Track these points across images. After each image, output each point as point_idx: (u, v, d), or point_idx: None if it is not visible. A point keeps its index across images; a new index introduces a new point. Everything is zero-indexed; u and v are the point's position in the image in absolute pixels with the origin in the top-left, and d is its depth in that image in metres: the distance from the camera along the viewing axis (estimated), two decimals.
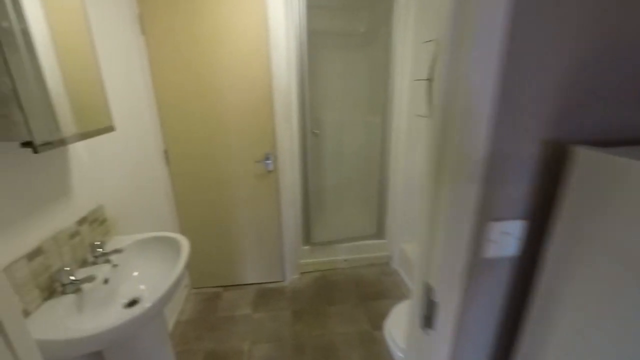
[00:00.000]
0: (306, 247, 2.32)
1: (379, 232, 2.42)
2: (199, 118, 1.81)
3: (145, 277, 1.19)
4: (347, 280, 2.27)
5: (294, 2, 1.79)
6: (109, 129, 1.04)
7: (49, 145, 0.76)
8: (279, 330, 1.81)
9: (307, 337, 1.76)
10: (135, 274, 1.18)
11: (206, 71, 1.74)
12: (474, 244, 0.60)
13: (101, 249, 1.10)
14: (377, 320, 1.88)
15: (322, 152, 2.10)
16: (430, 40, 1.70)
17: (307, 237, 2.30)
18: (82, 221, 1.09)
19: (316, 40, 2.03)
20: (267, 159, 1.93)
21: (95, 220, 1.17)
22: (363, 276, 2.31)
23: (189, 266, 2.15)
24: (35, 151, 0.72)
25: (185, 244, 1.24)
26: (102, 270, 1.06)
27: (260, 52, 1.75)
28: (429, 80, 1.73)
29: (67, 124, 0.88)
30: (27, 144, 0.72)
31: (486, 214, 0.59)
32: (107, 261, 1.11)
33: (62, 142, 0.84)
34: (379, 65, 2.05)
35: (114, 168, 1.33)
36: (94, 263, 1.09)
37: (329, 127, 2.07)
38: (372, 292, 2.14)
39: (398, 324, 1.34)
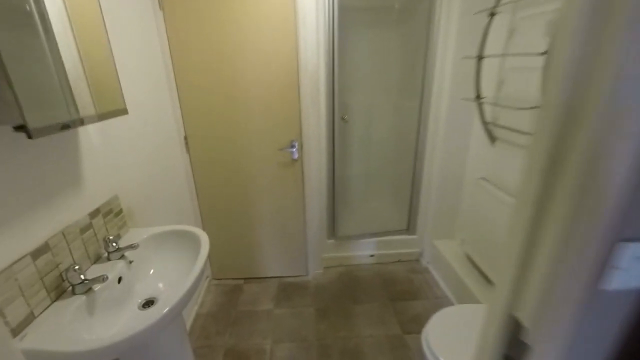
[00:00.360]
0: (331, 241, 2.19)
1: (410, 227, 2.24)
2: (220, 101, 1.69)
3: (162, 275, 1.09)
4: (373, 277, 2.13)
5: None
6: (121, 111, 0.92)
7: (46, 129, 0.65)
8: (302, 329, 1.71)
9: (332, 339, 1.65)
10: (152, 271, 1.09)
11: (229, 49, 1.60)
12: (593, 270, 0.43)
13: (116, 244, 1.00)
14: (407, 323, 1.73)
15: (350, 139, 1.93)
16: (483, 10, 1.46)
17: (332, 230, 2.17)
18: (95, 213, 1.00)
19: (346, 17, 1.82)
20: (292, 146, 1.79)
21: (110, 212, 1.08)
22: (391, 273, 2.16)
23: (209, 257, 2.09)
24: (29, 136, 0.61)
25: (204, 239, 1.13)
26: (116, 268, 0.97)
27: (287, 28, 1.58)
28: (479, 57, 1.50)
29: (71, 106, 0.76)
30: (20, 128, 0.61)
31: (616, 232, 0.42)
32: (122, 257, 1.02)
33: (62, 127, 0.72)
34: (416, 42, 1.83)
35: (130, 155, 1.23)
36: (108, 259, 1.00)
37: (359, 112, 1.89)
38: (401, 291, 1.99)
39: (440, 334, 1.18)
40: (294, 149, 1.78)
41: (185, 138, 1.74)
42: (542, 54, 1.09)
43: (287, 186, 1.90)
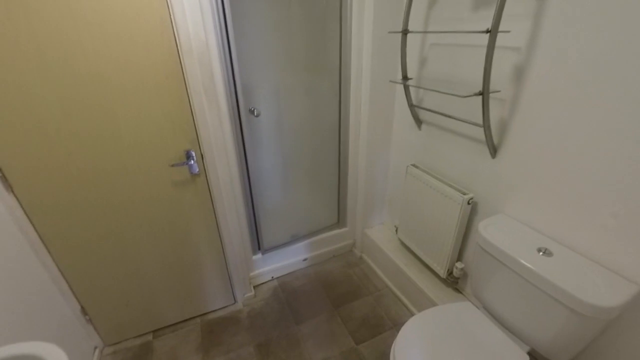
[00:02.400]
0: (257, 256, 1.86)
1: (340, 220, 2.09)
2: (57, 107, 1.07)
3: None
4: (311, 283, 1.93)
5: None
6: None
7: None
8: None
9: None
10: None
11: (53, 16, 0.97)
12: None
13: None
14: (358, 331, 1.61)
15: (264, 134, 1.57)
16: None
17: (257, 244, 1.83)
18: None
19: None
20: (189, 158, 1.32)
21: None
22: (328, 273, 2.00)
23: (93, 321, 1.50)
24: None
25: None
26: None
27: None
28: (405, 32, 1.30)
29: None
30: None
31: None
32: None
33: None
34: (329, 11, 1.52)
35: None
36: None
37: (271, 101, 1.52)
38: (343, 293, 1.85)
39: (414, 353, 1.05)
40: (192, 162, 1.32)
41: (0, 173, 1.07)
42: (487, 31, 0.94)
43: (190, 208, 1.44)
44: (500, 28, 0.96)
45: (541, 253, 1.00)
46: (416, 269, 1.69)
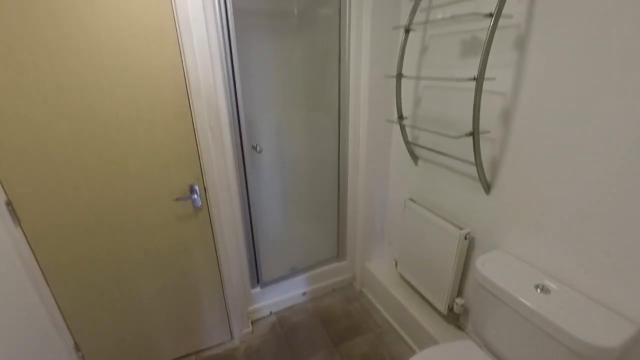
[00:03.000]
0: (256, 290, 1.84)
1: (339, 253, 2.08)
2: (68, 141, 1.13)
3: None
4: (310, 319, 1.88)
5: None
6: None
7: None
8: None
9: None
10: None
11: (73, 62, 1.06)
12: None
13: None
14: None
15: (265, 169, 1.63)
16: (400, 27, 1.36)
17: (256, 277, 1.82)
18: None
19: (243, 26, 1.49)
20: (193, 192, 1.36)
21: None
22: (327, 308, 1.96)
23: (85, 357, 1.46)
24: None
25: None
26: None
27: (164, 34, 1.15)
28: (399, 76, 1.40)
29: None
30: None
31: None
32: None
33: None
34: (328, 56, 1.64)
35: None
36: None
37: (272, 138, 1.60)
38: (343, 328, 1.81)
39: None
40: (196, 196, 1.36)
41: (9, 204, 1.11)
42: (473, 79, 1.02)
43: (191, 241, 1.45)
44: (486, 75, 1.04)
45: (539, 290, 1.01)
46: (417, 305, 1.67)
